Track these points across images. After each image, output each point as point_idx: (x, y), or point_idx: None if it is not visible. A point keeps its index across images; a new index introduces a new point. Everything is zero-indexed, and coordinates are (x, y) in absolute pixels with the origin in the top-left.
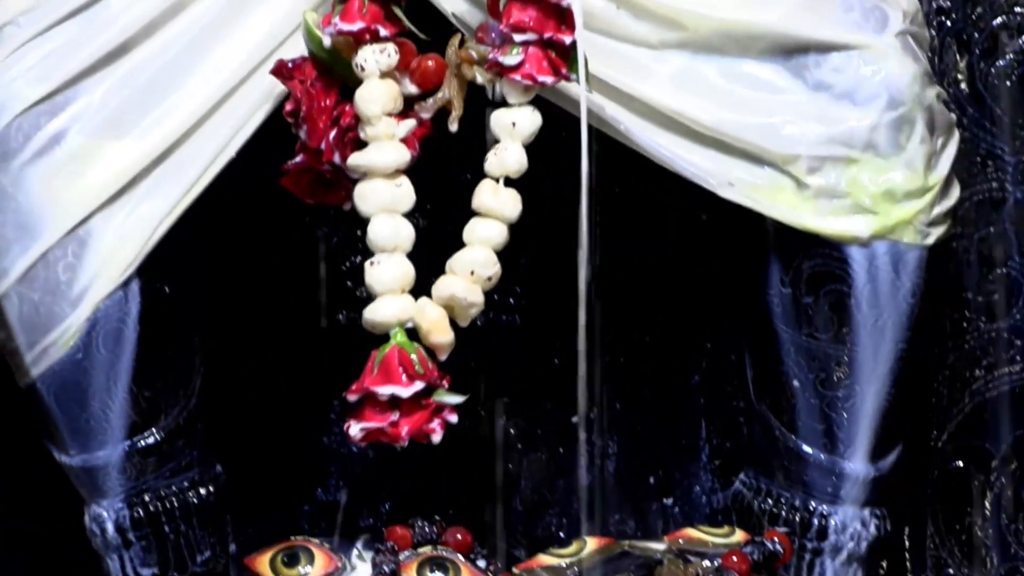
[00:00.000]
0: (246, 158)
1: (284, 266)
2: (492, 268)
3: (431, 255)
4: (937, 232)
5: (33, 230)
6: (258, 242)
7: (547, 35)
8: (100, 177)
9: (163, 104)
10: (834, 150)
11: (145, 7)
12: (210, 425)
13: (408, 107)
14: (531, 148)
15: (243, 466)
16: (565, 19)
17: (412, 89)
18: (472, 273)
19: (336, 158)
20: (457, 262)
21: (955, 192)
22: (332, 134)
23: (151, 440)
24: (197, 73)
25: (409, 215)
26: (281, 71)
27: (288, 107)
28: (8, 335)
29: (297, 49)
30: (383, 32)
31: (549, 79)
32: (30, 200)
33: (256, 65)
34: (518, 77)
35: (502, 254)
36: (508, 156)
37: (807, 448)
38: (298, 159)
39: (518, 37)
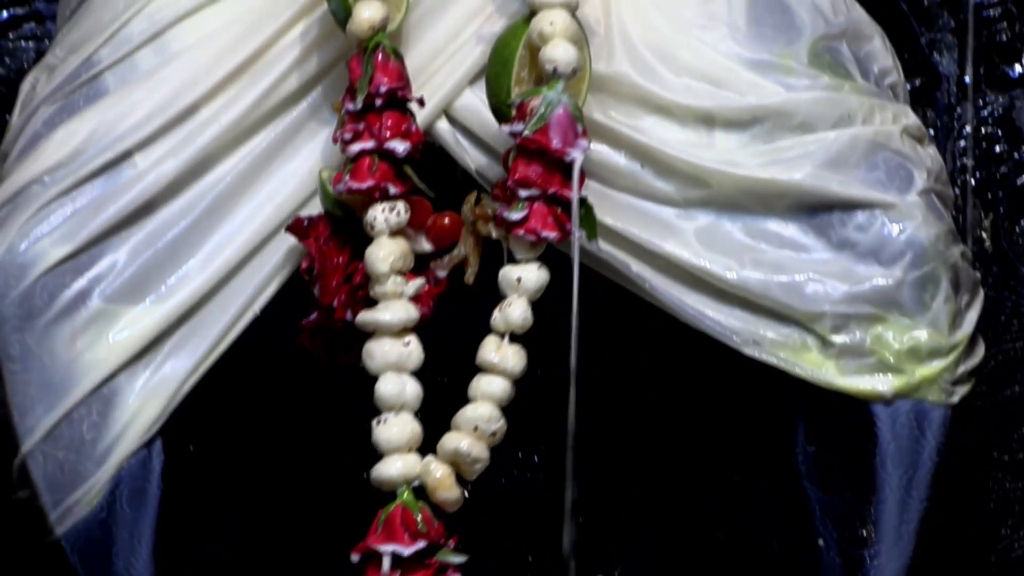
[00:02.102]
0: (270, 316)
1: (308, 424)
2: (496, 424)
3: (442, 411)
4: (962, 391)
5: (58, 388)
6: (282, 400)
7: (552, 191)
8: (124, 337)
9: (188, 263)
10: (859, 308)
11: (170, 166)
12: None
13: (424, 265)
14: (557, 304)
15: None
16: (572, 175)
17: (427, 247)
18: (476, 429)
19: (348, 316)
20: (462, 418)
21: (980, 351)
22: (344, 292)
23: None
24: (221, 231)
25: (418, 373)
26: (297, 228)
27: (304, 265)
28: (32, 493)
29: (320, 207)
30: (393, 190)
31: (553, 235)
32: (54, 359)
33: (280, 223)
34: (522, 232)
35: (525, 412)
36: (512, 312)
37: None
38: (312, 317)
39: (523, 192)
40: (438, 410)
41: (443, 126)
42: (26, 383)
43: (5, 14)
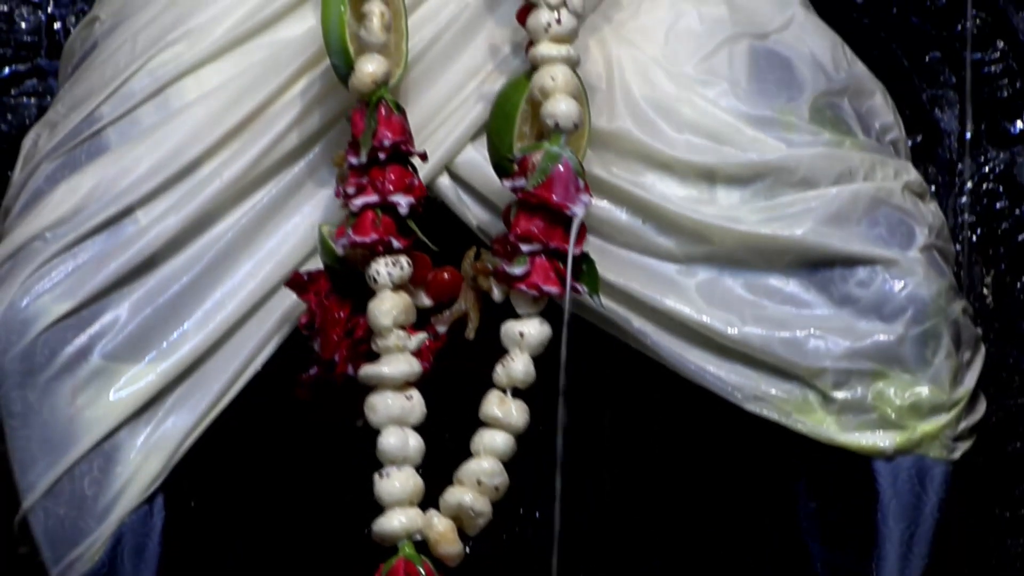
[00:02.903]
0: (271, 372)
1: (309, 479)
2: (499, 478)
3: (445, 465)
4: (963, 447)
5: (59, 445)
6: (283, 456)
7: (553, 245)
8: (125, 393)
9: (189, 320)
10: (860, 364)
11: (172, 222)
12: None
13: (424, 320)
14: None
15: None
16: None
17: (427, 302)
18: (479, 483)
19: (350, 370)
20: (464, 472)
21: (981, 407)
22: (345, 346)
23: None
24: (222, 288)
25: (420, 427)
26: (296, 283)
27: (303, 320)
28: (34, 550)
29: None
30: (396, 244)
31: (555, 290)
32: (55, 415)
33: (281, 279)
34: (524, 287)
35: (527, 467)
36: (515, 367)
37: None
38: (311, 371)
39: (525, 247)
40: (440, 464)
41: (445, 182)
42: (27, 439)
43: (7, 70)
